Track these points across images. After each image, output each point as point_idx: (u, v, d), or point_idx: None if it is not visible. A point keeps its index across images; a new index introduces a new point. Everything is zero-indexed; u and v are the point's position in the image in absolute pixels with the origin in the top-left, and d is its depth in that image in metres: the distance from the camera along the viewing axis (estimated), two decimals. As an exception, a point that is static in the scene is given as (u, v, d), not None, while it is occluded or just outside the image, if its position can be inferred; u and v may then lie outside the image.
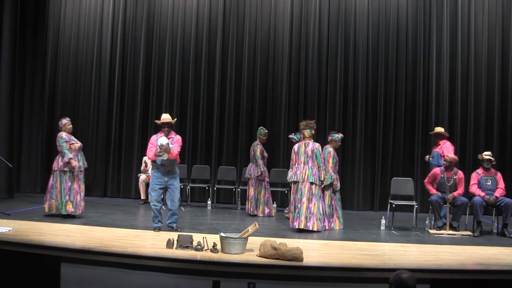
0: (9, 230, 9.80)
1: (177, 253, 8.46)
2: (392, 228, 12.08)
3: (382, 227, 12.09)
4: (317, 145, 11.80)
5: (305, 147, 11.74)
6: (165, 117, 11.25)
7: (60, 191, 12.25)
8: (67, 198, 12.27)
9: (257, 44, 16.59)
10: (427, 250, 9.72)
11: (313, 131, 12.07)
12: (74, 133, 16.62)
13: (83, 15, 17.58)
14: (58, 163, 12.39)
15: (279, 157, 16.12)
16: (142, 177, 15.61)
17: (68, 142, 12.40)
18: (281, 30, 16.47)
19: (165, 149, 10.46)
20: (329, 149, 12.48)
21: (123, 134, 17.16)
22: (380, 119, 15.88)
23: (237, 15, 16.70)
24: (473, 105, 15.73)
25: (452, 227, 11.70)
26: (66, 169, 12.25)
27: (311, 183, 11.50)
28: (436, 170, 12.22)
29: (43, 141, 17.30)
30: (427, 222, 12.20)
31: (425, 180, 12.39)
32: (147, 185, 15.44)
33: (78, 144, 12.63)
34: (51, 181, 12.40)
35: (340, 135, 12.77)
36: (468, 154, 15.22)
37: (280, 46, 16.45)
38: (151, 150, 10.84)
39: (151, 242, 9.51)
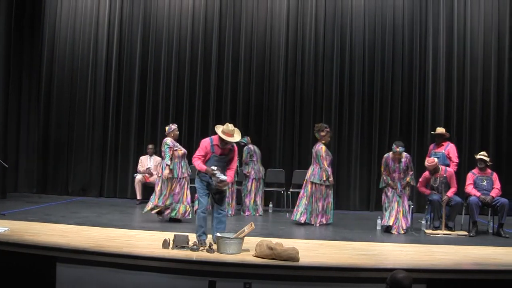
0: (5, 231, 9.78)
1: (173, 253, 8.45)
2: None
3: (378, 227, 12.09)
4: (319, 146, 12.44)
5: (314, 149, 12.51)
6: (229, 131, 9.29)
7: (169, 197, 12.39)
8: (173, 202, 12.43)
9: (253, 44, 16.59)
10: (423, 250, 9.74)
11: (321, 133, 12.67)
12: (70, 133, 16.77)
13: (79, 16, 17.56)
14: (163, 169, 12.44)
15: (275, 157, 16.11)
16: (138, 177, 15.61)
17: (172, 148, 12.38)
18: (277, 31, 16.46)
19: (225, 184, 9.45)
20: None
21: (119, 134, 17.14)
22: (376, 119, 15.90)
23: (233, 15, 16.69)
24: (469, 105, 15.74)
25: (447, 227, 11.72)
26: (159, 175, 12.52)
27: (312, 183, 12.44)
28: (426, 173, 12.25)
29: (39, 142, 17.29)
30: (422, 222, 12.18)
31: (418, 185, 12.41)
32: (143, 185, 15.50)
33: (182, 151, 12.66)
34: (158, 186, 12.50)
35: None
36: (464, 155, 15.20)
37: (276, 47, 16.44)
38: (200, 158, 9.38)
39: (146, 242, 9.48)
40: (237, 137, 9.35)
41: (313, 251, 9.30)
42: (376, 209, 15.13)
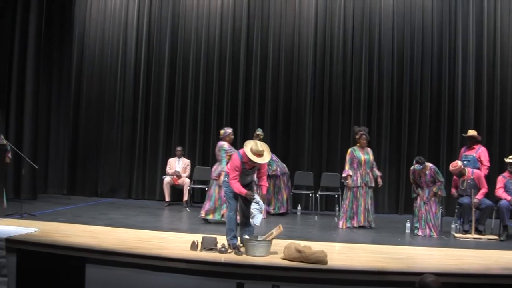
0: (35, 231, 9.86)
1: (201, 255, 8.46)
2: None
3: (407, 230, 12.02)
4: (349, 150, 12.86)
5: None
6: (258, 152, 8.95)
7: (218, 199, 12.50)
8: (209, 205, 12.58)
9: (281, 45, 16.53)
10: (452, 254, 9.66)
11: (355, 136, 13.03)
12: (99, 134, 16.87)
13: (108, 17, 17.67)
14: (214, 171, 12.64)
15: (304, 160, 16.07)
16: (167, 179, 15.63)
17: (228, 152, 12.36)
18: (305, 32, 16.40)
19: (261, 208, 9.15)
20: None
21: (148, 136, 17.20)
22: (405, 122, 15.77)
23: (261, 16, 16.66)
24: (499, 107, 15.57)
25: (477, 231, 11.61)
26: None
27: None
28: (455, 176, 12.22)
29: (69, 143, 17.41)
30: (452, 225, 12.09)
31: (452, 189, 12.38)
32: (172, 187, 15.53)
33: None
34: (211, 189, 12.70)
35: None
36: (494, 158, 15.00)
37: (305, 48, 16.37)
38: (236, 178, 9.04)
39: (175, 244, 9.50)
40: (267, 156, 9.07)
41: (342, 254, 9.29)
42: (405, 212, 15.03)
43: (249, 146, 8.97)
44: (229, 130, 12.73)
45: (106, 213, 13.56)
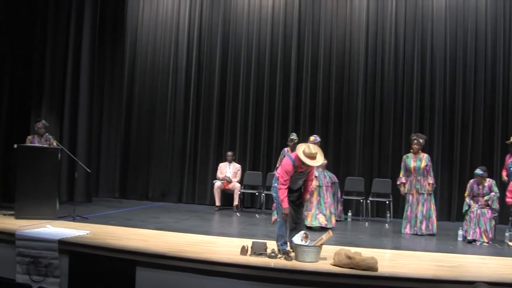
0: (87, 234, 9.97)
1: (251, 260, 8.45)
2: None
3: (459, 238, 11.85)
4: (403, 157, 13.06)
5: None
6: (311, 155, 8.79)
7: (316, 204, 12.67)
8: (318, 211, 12.64)
9: (332, 50, 16.46)
10: (506, 263, 9.47)
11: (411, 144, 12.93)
12: (150, 138, 17.02)
13: (160, 22, 17.87)
14: None
15: (355, 166, 15.98)
16: (217, 183, 15.67)
17: None
18: (356, 37, 16.29)
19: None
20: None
21: (199, 140, 17.29)
22: (457, 127, 15.53)
23: (312, 21, 16.62)
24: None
25: (532, 240, 11.44)
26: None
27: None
28: (510, 184, 12.06)
29: (121, 148, 17.61)
30: (506, 234, 11.87)
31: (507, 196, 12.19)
32: (222, 191, 15.55)
33: (325, 161, 13.00)
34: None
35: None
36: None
37: (356, 53, 16.26)
38: (285, 185, 8.89)
39: (225, 248, 9.51)
40: (320, 159, 8.97)
41: (392, 261, 9.21)
42: (457, 220, 14.80)
43: (302, 149, 8.85)
44: (319, 138, 12.99)
45: (157, 216, 13.65)
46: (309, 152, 8.76)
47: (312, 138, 12.79)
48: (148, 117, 17.63)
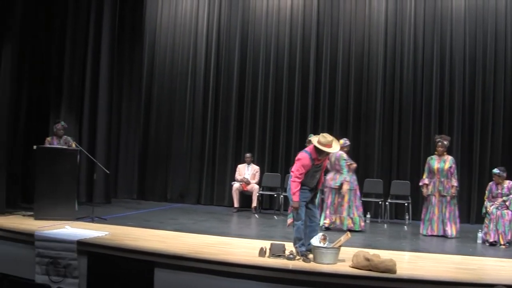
0: (105, 235, 10.01)
1: (269, 261, 8.44)
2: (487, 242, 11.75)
3: (479, 241, 11.76)
4: (428, 158, 13.04)
5: None
6: (328, 142, 8.88)
7: (347, 208, 12.77)
8: (345, 214, 12.73)
9: (351, 52, 16.40)
10: (526, 265, 9.43)
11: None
12: (169, 140, 17.07)
13: (178, 24, 17.93)
14: (334, 181, 12.81)
15: (373, 167, 15.92)
16: (236, 185, 15.68)
17: (348, 162, 12.83)
18: (375, 38, 16.21)
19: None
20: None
21: (217, 142, 17.31)
22: (477, 129, 15.40)
23: (331, 23, 16.59)
24: None
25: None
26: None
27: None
28: None
29: (139, 149, 17.68)
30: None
31: None
32: (240, 193, 15.54)
33: (354, 164, 13.15)
34: (329, 198, 12.91)
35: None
36: None
37: (375, 54, 16.19)
38: (300, 178, 8.89)
39: (243, 250, 9.51)
40: (336, 146, 9.05)
41: (411, 264, 9.16)
42: (476, 222, 14.69)
43: (316, 139, 8.89)
44: (348, 142, 13.26)
45: (175, 218, 13.67)
46: (326, 140, 8.80)
47: (341, 141, 12.82)
48: (166, 119, 17.68)
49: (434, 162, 12.64)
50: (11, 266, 9.65)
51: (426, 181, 12.70)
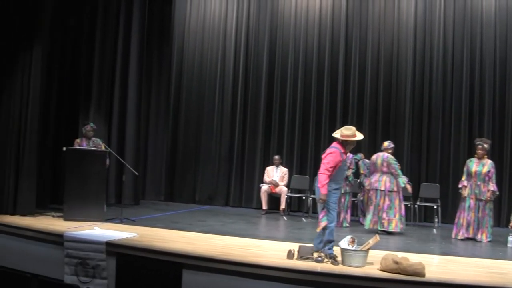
0: (134, 236, 10.04)
1: (297, 264, 8.42)
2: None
3: (509, 244, 11.64)
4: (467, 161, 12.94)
5: None
6: (354, 133, 9.36)
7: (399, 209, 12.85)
8: (384, 215, 12.76)
9: (380, 55, 16.32)
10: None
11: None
12: (197, 142, 17.11)
13: (206, 29, 17.99)
14: (385, 183, 12.88)
15: (402, 170, 15.76)
16: (264, 187, 15.67)
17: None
18: (404, 41, 16.11)
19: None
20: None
21: (246, 144, 17.33)
22: (508, 133, 15.24)
23: (360, 26, 16.53)
24: None
25: None
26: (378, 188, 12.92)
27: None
28: None
29: (167, 152, 17.76)
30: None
31: None
32: (269, 195, 15.54)
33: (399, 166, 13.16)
34: (386, 201, 12.89)
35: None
36: None
37: (404, 57, 16.09)
38: (330, 172, 9.10)
39: (271, 252, 9.49)
40: (360, 135, 9.38)
41: (440, 267, 9.09)
42: (507, 225, 14.53)
43: (339, 133, 9.32)
44: (392, 144, 13.30)
45: (204, 220, 13.68)
46: (350, 132, 9.28)
47: (386, 143, 13.25)
48: (195, 121, 17.73)
49: (473, 165, 12.51)
50: (40, 266, 9.74)
51: (465, 182, 12.56)
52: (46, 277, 8.98)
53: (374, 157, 13.17)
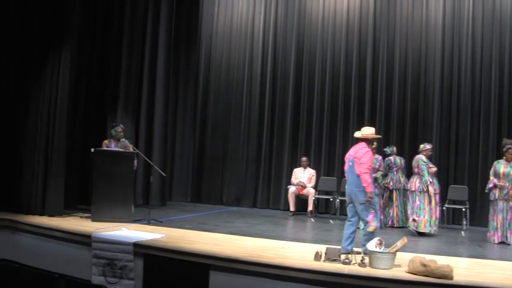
0: (161, 237, 10.08)
1: (324, 266, 8.40)
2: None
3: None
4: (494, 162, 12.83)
5: None
6: (374, 131, 9.89)
7: (427, 211, 12.78)
8: (422, 216, 12.74)
9: (408, 57, 16.21)
10: None
11: (503, 149, 12.63)
12: (225, 144, 17.12)
13: (234, 31, 18.04)
14: (415, 184, 12.93)
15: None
16: (292, 189, 15.65)
17: (427, 164, 12.92)
18: (432, 43, 15.97)
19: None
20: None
21: (273, 146, 17.33)
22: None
23: (387, 28, 16.45)
24: None
25: None
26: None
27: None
28: None
29: (195, 152, 17.80)
30: None
31: None
32: (296, 197, 15.52)
33: (434, 168, 13.18)
34: (416, 201, 12.91)
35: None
36: None
37: (432, 59, 15.94)
38: (370, 171, 9.48)
39: (298, 254, 9.49)
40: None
41: (468, 270, 9.02)
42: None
43: (359, 135, 9.77)
44: (428, 146, 13.32)
45: (231, 221, 13.70)
46: (371, 130, 9.78)
47: (421, 146, 13.36)
48: (222, 122, 17.78)
49: (501, 166, 12.36)
50: (68, 267, 9.80)
51: (495, 180, 12.36)
52: (74, 277, 9.02)
53: (414, 159, 13.27)
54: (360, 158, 9.30)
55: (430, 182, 12.64)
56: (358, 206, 9.35)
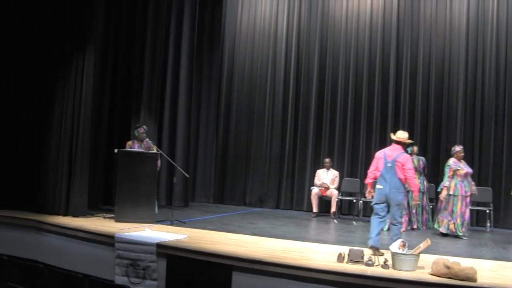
0: (184, 238, 10.10)
1: (347, 267, 8.37)
2: None
3: None
4: None
5: None
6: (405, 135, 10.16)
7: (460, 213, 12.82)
8: (450, 218, 12.79)
9: (432, 57, 16.14)
10: None
11: None
12: (248, 144, 17.14)
13: (257, 32, 18.10)
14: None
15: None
16: (315, 190, 15.62)
17: (452, 168, 12.89)
18: (456, 43, 15.90)
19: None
20: None
21: (297, 147, 17.35)
22: None
23: (411, 28, 16.39)
24: None
25: None
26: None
27: None
28: None
29: (218, 153, 17.86)
30: None
31: None
32: (319, 198, 15.50)
33: (464, 170, 13.03)
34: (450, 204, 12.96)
35: None
36: None
37: (456, 59, 15.86)
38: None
39: (321, 255, 9.47)
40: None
41: (492, 272, 8.94)
42: None
43: (395, 137, 10.01)
44: (458, 148, 13.19)
45: (254, 222, 13.70)
46: (406, 135, 10.06)
47: (454, 148, 13.26)
48: (245, 124, 17.83)
49: None
50: (91, 267, 9.87)
51: None
52: (97, 277, 9.08)
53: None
54: (405, 164, 9.54)
55: (445, 186, 12.64)
56: (394, 207, 9.52)
